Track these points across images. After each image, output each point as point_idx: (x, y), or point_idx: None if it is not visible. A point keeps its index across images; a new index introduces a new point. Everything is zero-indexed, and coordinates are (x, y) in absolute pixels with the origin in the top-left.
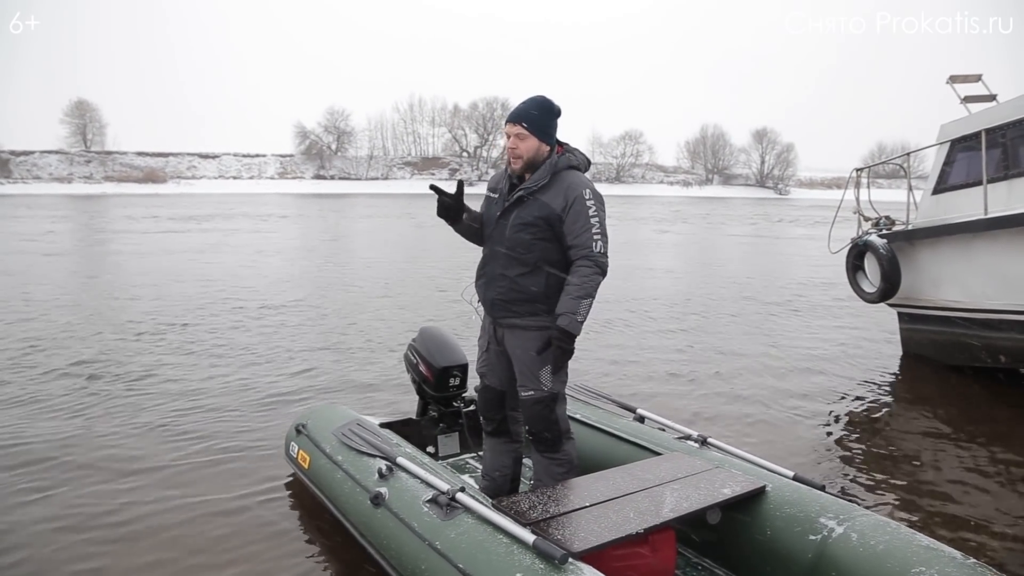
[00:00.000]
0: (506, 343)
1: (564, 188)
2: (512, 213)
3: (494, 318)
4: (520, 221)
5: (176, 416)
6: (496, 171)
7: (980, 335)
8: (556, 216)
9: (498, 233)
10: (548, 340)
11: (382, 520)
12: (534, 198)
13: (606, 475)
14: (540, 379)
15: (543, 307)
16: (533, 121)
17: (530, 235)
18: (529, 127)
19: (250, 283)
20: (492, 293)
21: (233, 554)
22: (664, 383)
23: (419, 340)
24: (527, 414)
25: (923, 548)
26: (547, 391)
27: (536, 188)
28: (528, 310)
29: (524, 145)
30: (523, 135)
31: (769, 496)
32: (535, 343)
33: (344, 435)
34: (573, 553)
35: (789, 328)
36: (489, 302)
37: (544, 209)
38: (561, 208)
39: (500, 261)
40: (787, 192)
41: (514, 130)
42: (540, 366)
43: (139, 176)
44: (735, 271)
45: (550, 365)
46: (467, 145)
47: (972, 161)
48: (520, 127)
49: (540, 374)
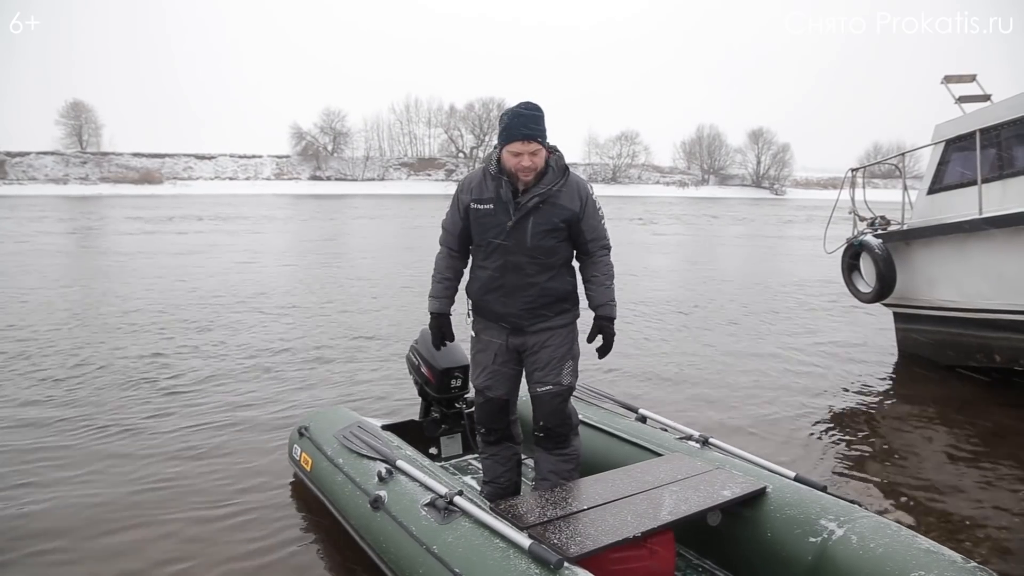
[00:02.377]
0: (527, 346)
1: (575, 188)
2: (530, 219)
3: (520, 327)
4: (543, 228)
5: (179, 416)
6: (471, 178)
7: (975, 335)
8: (575, 216)
9: (515, 242)
10: (599, 329)
11: (381, 523)
12: (552, 203)
13: (605, 477)
14: (562, 373)
15: (568, 305)
16: (543, 135)
17: (554, 239)
18: (542, 141)
19: (250, 285)
20: (518, 304)
21: (234, 556)
22: (663, 383)
23: (420, 342)
24: (545, 409)
25: (923, 551)
26: (566, 385)
27: (550, 192)
28: (558, 310)
29: (538, 160)
30: (538, 151)
31: (770, 497)
32: (563, 339)
33: (345, 438)
34: (569, 557)
35: (785, 328)
36: (515, 314)
37: (565, 212)
38: (578, 208)
39: (524, 270)
40: (783, 192)
41: (530, 148)
42: (565, 361)
43: (135, 177)
44: (731, 271)
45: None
46: (463, 146)
47: (967, 161)
48: (536, 144)
49: (563, 368)
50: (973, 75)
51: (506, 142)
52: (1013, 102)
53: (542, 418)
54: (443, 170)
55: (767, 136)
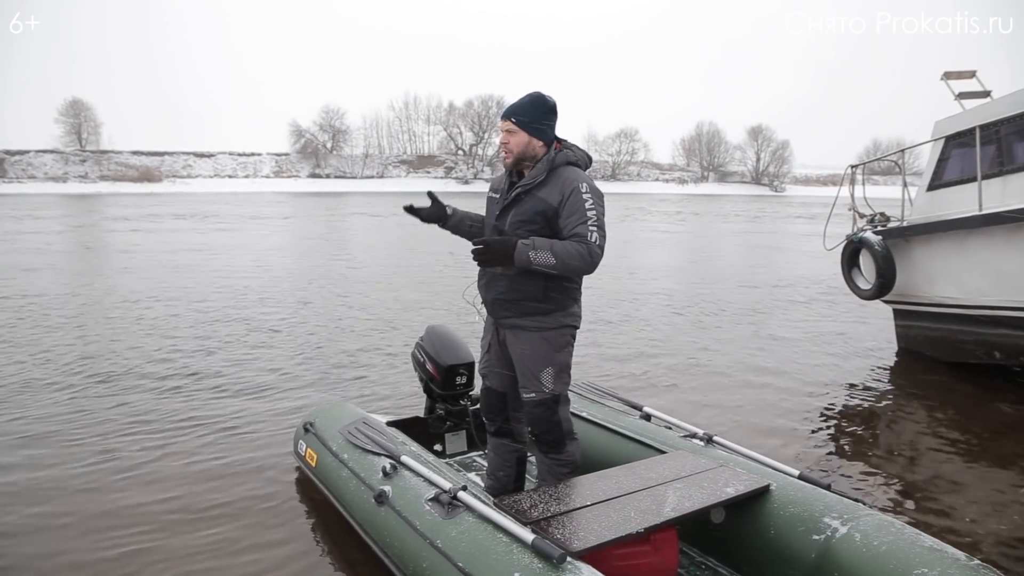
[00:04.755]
0: (508, 344)
1: (560, 183)
2: (510, 211)
3: (496, 318)
4: (518, 219)
5: (183, 410)
6: (497, 171)
7: (975, 332)
8: (552, 210)
9: (496, 232)
10: (488, 240)
11: (385, 518)
12: (531, 195)
13: (609, 474)
14: (541, 380)
15: (543, 307)
16: (522, 117)
17: (528, 231)
18: (518, 123)
19: (254, 281)
20: (493, 293)
21: (238, 550)
22: (665, 381)
23: (426, 339)
24: (529, 416)
25: (926, 549)
26: (548, 393)
27: (533, 185)
28: (528, 310)
29: (514, 140)
30: (513, 130)
31: (773, 495)
32: (536, 344)
33: (350, 433)
34: (572, 552)
35: (785, 324)
36: (490, 302)
37: (541, 204)
38: (557, 202)
39: None
40: (783, 189)
41: (504, 125)
42: (541, 368)
43: (134, 175)
44: (731, 268)
45: (551, 367)
46: (462, 143)
47: (967, 157)
48: (510, 123)
49: (541, 376)
50: (973, 71)
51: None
52: (1013, 98)
53: (528, 424)
54: (442, 168)
55: (766, 133)
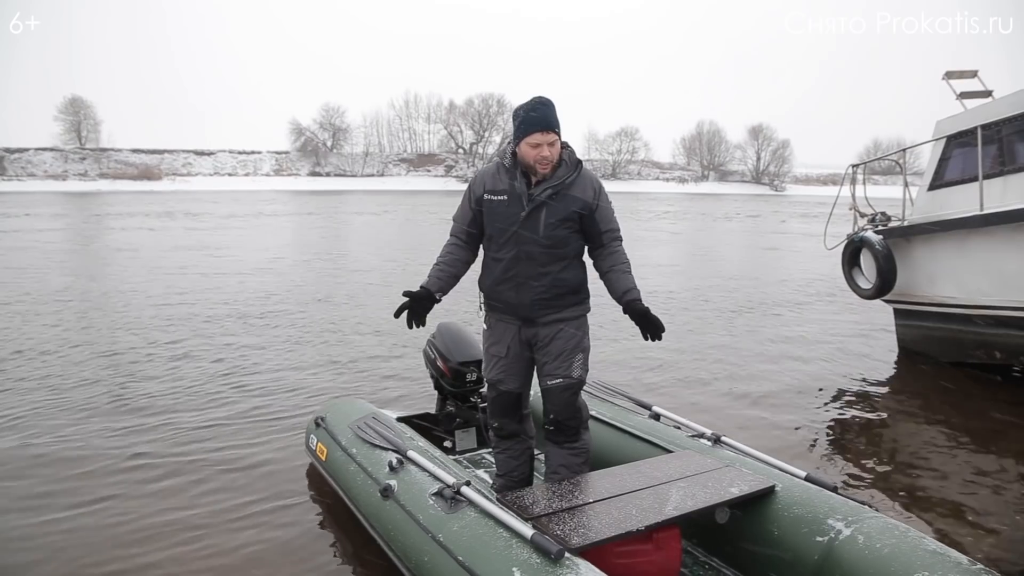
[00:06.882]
0: (537, 339)
1: (588, 180)
2: (543, 210)
3: (532, 319)
4: (558, 217)
5: (199, 405)
6: (484, 171)
7: (975, 332)
8: (589, 207)
9: (528, 232)
10: (638, 314)
11: (390, 512)
12: (564, 195)
13: (613, 472)
14: (573, 367)
15: (579, 297)
16: (559, 126)
17: (567, 229)
18: (558, 132)
19: (265, 278)
20: (530, 294)
21: (248, 542)
22: (671, 381)
23: (437, 336)
24: (555, 402)
25: (929, 552)
26: (576, 378)
27: (563, 184)
28: (569, 302)
29: (555, 150)
30: (555, 142)
31: (778, 496)
32: (572, 333)
33: (360, 428)
34: (571, 548)
35: (786, 324)
36: (527, 304)
37: (578, 202)
38: (592, 198)
39: (537, 260)
40: (783, 188)
41: (548, 139)
42: (574, 355)
43: (134, 173)
44: (732, 268)
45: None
46: (463, 142)
47: (968, 157)
48: (554, 134)
49: (573, 361)
50: (974, 71)
51: (525, 134)
52: (1015, 98)
53: (552, 411)
54: (443, 166)
55: (767, 132)
